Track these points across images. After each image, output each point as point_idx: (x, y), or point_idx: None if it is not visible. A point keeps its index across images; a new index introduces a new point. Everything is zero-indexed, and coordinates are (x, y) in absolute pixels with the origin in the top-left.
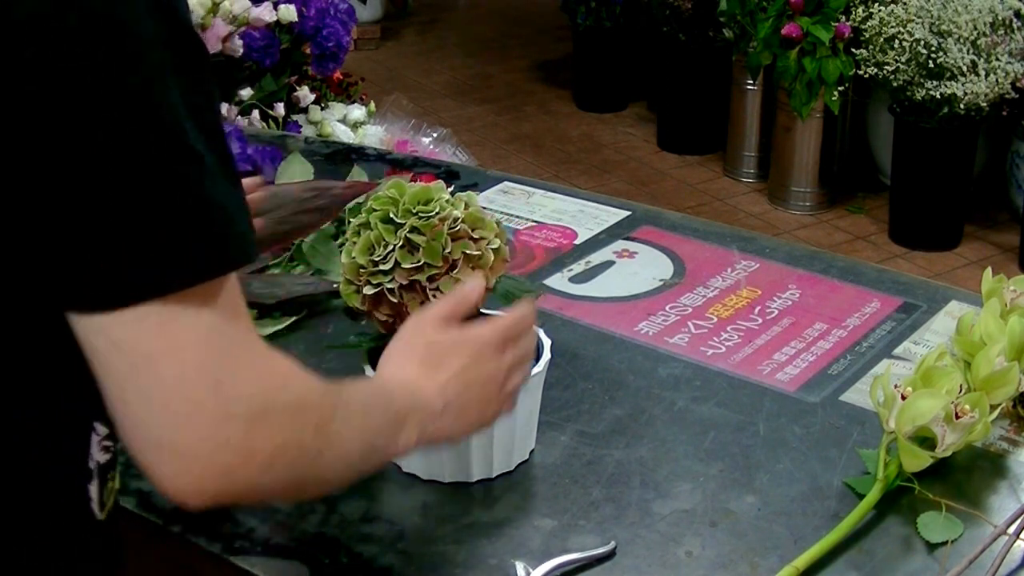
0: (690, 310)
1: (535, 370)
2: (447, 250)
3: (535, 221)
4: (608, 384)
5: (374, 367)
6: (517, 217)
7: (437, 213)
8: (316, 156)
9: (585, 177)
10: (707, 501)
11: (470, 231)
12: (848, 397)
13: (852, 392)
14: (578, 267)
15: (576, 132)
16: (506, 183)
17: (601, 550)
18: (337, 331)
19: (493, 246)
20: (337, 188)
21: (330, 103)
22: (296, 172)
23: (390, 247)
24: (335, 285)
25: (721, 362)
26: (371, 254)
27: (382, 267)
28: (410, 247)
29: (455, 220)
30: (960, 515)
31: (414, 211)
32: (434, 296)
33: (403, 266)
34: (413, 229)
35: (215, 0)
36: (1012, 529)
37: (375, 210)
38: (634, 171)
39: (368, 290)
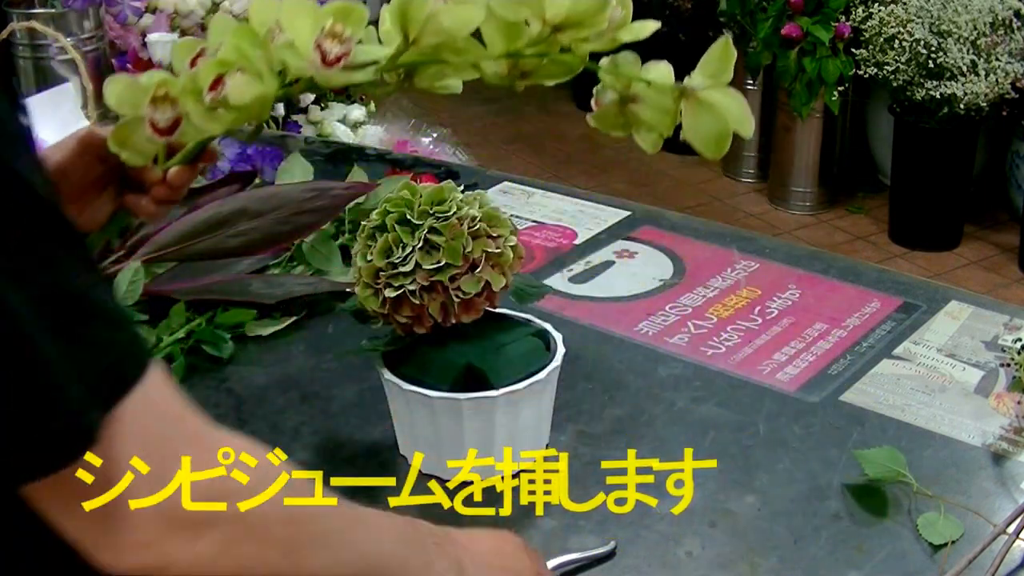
0: (690, 310)
1: (551, 365)
2: (468, 249)
3: (535, 221)
4: (608, 384)
5: (391, 370)
6: (517, 217)
7: (454, 213)
8: (316, 156)
9: (585, 177)
10: (707, 501)
11: (488, 229)
12: (848, 397)
13: (852, 392)
14: (578, 267)
15: (576, 132)
16: (506, 183)
17: (601, 550)
18: (337, 331)
19: (511, 243)
20: (337, 189)
21: (330, 103)
22: (296, 172)
23: (409, 249)
24: (335, 285)
25: (721, 362)
26: (388, 256)
27: (402, 269)
28: (429, 248)
29: (473, 219)
30: (960, 515)
31: (431, 212)
32: (456, 296)
33: (424, 267)
34: (431, 230)
35: (215, 0)
36: (1012, 528)
37: (389, 212)
38: (634, 171)
39: (390, 293)
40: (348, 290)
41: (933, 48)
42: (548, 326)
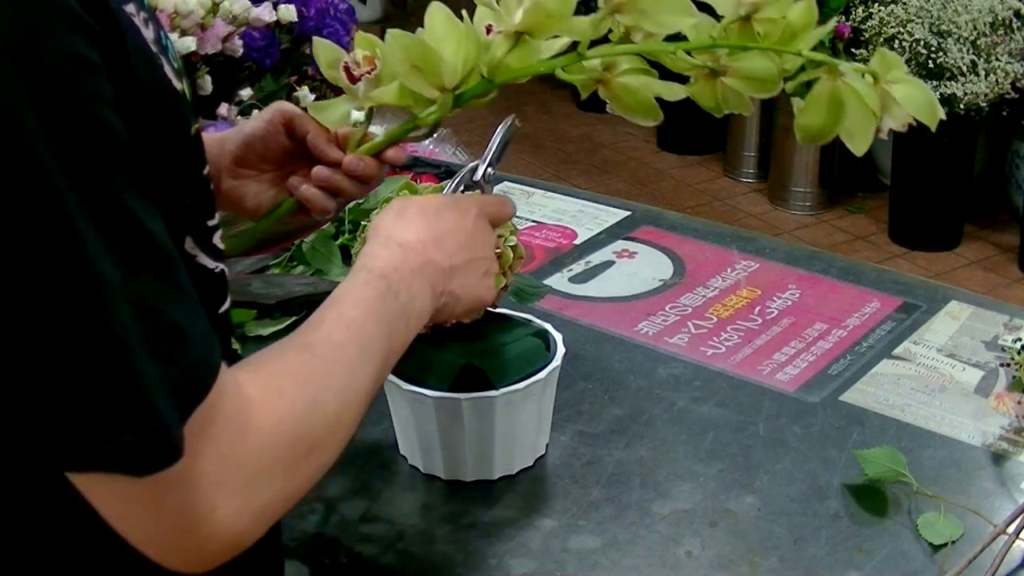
0: (690, 310)
1: (551, 365)
2: None
3: (535, 221)
4: (608, 384)
5: (391, 370)
6: (517, 217)
7: None
8: None
9: (585, 177)
10: (707, 501)
11: None
12: (848, 397)
13: (852, 392)
14: (578, 267)
15: (576, 132)
16: (506, 183)
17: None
18: None
19: (511, 243)
20: None
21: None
22: None
23: None
24: (335, 285)
25: (721, 362)
26: None
27: None
28: None
29: None
30: (960, 515)
31: None
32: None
33: None
34: None
35: (215, 0)
36: (1012, 528)
37: None
38: (634, 171)
39: None
40: None
41: (933, 48)
42: (548, 326)
